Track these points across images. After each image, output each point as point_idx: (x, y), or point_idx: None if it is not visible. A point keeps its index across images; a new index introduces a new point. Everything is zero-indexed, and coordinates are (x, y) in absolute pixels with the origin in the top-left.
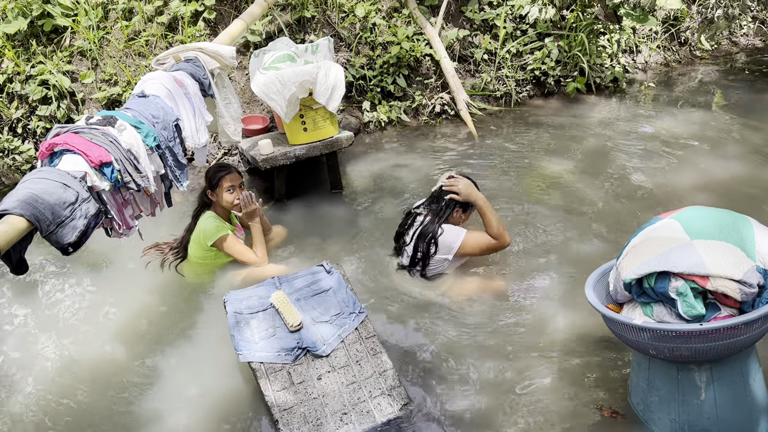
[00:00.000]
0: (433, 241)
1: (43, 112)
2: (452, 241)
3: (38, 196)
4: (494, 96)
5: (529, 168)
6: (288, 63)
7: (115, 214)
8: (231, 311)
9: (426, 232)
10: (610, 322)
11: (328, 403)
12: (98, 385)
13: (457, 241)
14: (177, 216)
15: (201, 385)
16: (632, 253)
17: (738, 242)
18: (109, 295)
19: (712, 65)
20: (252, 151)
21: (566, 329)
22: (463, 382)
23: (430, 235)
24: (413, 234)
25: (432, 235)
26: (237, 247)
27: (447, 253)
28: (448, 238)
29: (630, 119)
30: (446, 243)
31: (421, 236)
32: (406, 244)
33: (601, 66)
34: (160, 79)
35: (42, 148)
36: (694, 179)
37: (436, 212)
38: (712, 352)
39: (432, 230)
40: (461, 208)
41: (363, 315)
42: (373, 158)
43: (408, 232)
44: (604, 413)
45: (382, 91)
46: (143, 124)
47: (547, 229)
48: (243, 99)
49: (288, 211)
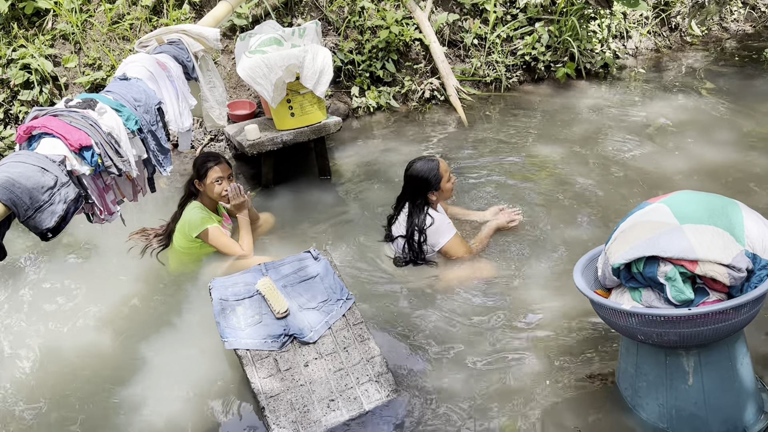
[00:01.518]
0: (422, 233)
1: (25, 96)
2: (439, 237)
3: (15, 180)
4: (484, 81)
5: (519, 154)
6: (274, 47)
7: (96, 199)
8: (216, 298)
9: (413, 228)
10: (599, 307)
11: (315, 390)
12: (81, 372)
13: (443, 239)
14: (161, 202)
15: (186, 372)
16: (621, 238)
17: (727, 226)
18: (92, 282)
19: (703, 51)
20: (238, 136)
21: (555, 314)
22: (452, 368)
23: (419, 229)
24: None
25: (420, 229)
26: (222, 239)
27: (434, 245)
28: (437, 231)
29: (620, 105)
30: (434, 235)
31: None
32: (393, 238)
33: (592, 51)
34: (143, 61)
35: (20, 132)
36: (684, 164)
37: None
38: (700, 336)
39: (420, 223)
40: (433, 189)
41: (350, 301)
42: (361, 144)
43: (398, 219)
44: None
45: (371, 77)
46: (124, 107)
47: (536, 214)
48: (229, 84)
49: (275, 198)
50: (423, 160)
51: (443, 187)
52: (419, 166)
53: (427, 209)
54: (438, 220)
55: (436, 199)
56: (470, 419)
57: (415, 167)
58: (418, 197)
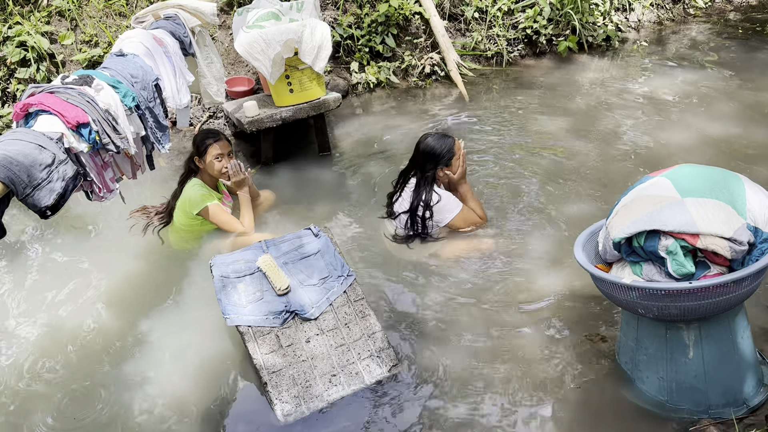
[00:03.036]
0: (428, 208)
1: (22, 74)
2: (448, 212)
3: (13, 158)
4: (485, 56)
5: (521, 129)
6: (272, 21)
7: (95, 177)
8: (218, 275)
9: (419, 201)
10: (599, 281)
11: (317, 366)
12: (83, 349)
13: (452, 213)
14: (160, 179)
15: (188, 349)
16: (622, 212)
17: (729, 200)
18: (93, 260)
19: (706, 23)
20: (237, 113)
21: (555, 289)
22: (452, 343)
23: (425, 204)
24: (408, 203)
25: (426, 204)
26: (223, 216)
27: (439, 221)
28: (444, 208)
29: (622, 78)
30: (442, 212)
31: (415, 207)
32: (395, 215)
33: (594, 24)
34: (139, 37)
35: (16, 109)
36: (686, 138)
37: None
38: (701, 310)
39: (426, 198)
40: (443, 165)
41: (351, 278)
42: (361, 120)
43: (401, 195)
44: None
45: (371, 52)
46: (121, 84)
47: (538, 189)
48: (227, 60)
49: (275, 175)
50: (438, 134)
51: (453, 165)
52: (433, 139)
53: (434, 185)
54: (445, 198)
55: (443, 176)
56: (471, 392)
57: (429, 141)
58: (428, 171)
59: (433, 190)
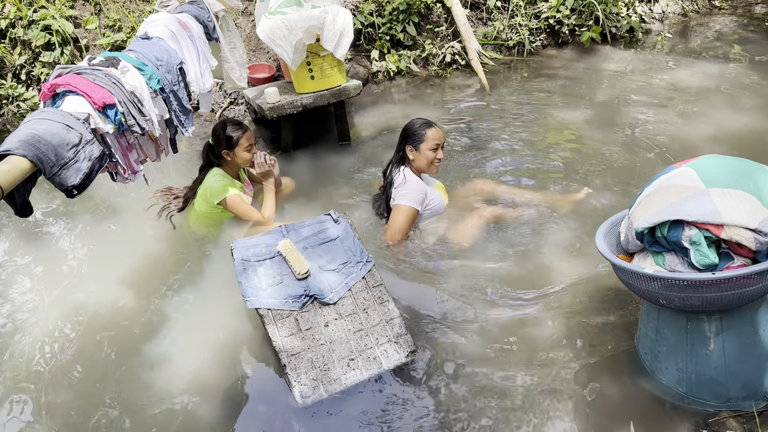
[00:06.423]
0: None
1: (46, 58)
2: (400, 197)
3: (41, 137)
4: (507, 45)
5: (541, 119)
6: (295, 7)
7: (120, 158)
8: (238, 258)
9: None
10: (621, 271)
11: (335, 349)
12: (106, 330)
13: (402, 199)
14: (181, 163)
15: (209, 330)
16: (646, 202)
17: (754, 191)
18: (115, 242)
19: (731, 15)
20: (258, 99)
21: (574, 279)
22: (469, 330)
23: (389, 180)
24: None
25: (390, 180)
26: (243, 207)
27: (392, 199)
28: (399, 192)
29: (645, 70)
30: (397, 191)
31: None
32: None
33: (617, 15)
34: (164, 21)
35: (44, 89)
36: (709, 131)
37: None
38: (723, 301)
39: (391, 174)
40: (411, 144)
41: (370, 264)
42: (381, 109)
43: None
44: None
45: (391, 40)
46: (147, 66)
47: (559, 180)
48: (249, 46)
49: (295, 162)
50: (421, 119)
51: (422, 151)
52: (413, 120)
53: (403, 167)
54: (410, 184)
55: (413, 159)
56: (488, 380)
57: (410, 120)
58: (400, 149)
59: (398, 169)
